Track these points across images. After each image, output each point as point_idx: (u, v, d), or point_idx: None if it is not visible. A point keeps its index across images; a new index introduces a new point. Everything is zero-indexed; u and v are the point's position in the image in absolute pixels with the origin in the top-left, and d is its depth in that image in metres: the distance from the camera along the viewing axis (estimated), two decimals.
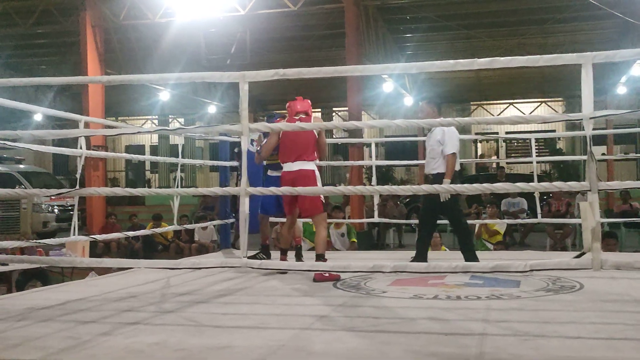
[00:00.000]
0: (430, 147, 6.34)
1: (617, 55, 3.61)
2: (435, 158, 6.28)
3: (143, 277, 5.70)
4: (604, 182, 3.51)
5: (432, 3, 17.39)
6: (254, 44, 19.59)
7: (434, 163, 6.30)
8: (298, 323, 3.92)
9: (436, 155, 6.27)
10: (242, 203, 3.93)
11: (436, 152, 6.28)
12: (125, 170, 30.18)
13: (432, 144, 6.30)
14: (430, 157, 6.33)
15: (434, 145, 6.28)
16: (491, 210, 11.59)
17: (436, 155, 6.27)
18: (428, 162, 6.38)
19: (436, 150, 6.27)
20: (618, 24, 18.30)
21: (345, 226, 10.65)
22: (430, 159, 6.33)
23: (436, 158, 6.27)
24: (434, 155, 6.29)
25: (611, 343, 3.33)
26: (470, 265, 3.73)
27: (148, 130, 6.22)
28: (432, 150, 6.30)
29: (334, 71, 3.99)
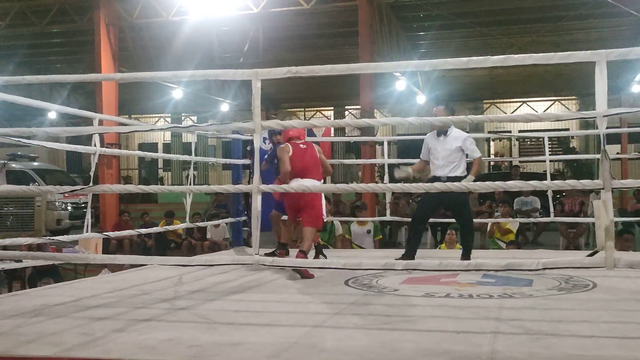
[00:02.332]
0: (446, 151, 6.45)
1: (631, 53, 3.59)
2: (454, 162, 6.43)
3: (156, 274, 5.74)
4: (617, 180, 3.48)
5: (445, 1, 17.34)
6: (266, 42, 19.61)
7: (452, 166, 6.43)
8: (310, 320, 3.93)
9: (455, 159, 6.43)
10: (254, 200, 3.95)
11: (455, 157, 6.43)
12: (138, 168, 30.28)
13: (451, 150, 6.44)
14: (447, 161, 6.44)
15: (453, 151, 6.44)
16: (504, 209, 11.52)
17: (455, 160, 6.43)
18: (443, 166, 6.47)
19: (455, 155, 6.44)
20: (633, 22, 18.16)
21: (371, 223, 10.65)
22: (448, 163, 6.44)
23: (455, 162, 6.43)
24: (452, 160, 6.43)
25: (624, 342, 3.32)
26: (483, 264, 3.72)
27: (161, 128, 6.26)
28: (451, 155, 6.43)
29: (346, 69, 3.99)
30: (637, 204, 13.34)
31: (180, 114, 28.61)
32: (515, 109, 26.91)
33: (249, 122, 3.86)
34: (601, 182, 3.35)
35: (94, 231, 7.00)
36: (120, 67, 17.09)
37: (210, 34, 18.96)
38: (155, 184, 28.11)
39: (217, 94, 23.95)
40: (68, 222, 17.15)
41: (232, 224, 8.69)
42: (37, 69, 24.38)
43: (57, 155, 27.96)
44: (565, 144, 25.26)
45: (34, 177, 17.44)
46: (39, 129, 4.58)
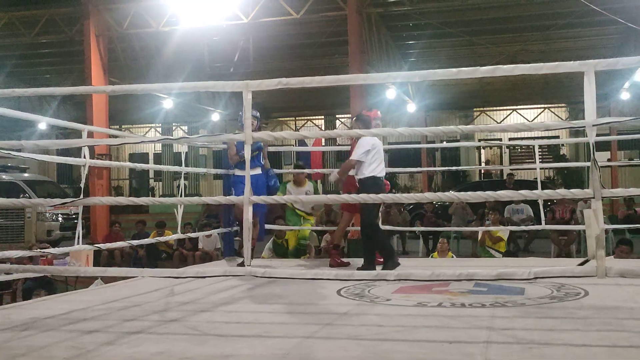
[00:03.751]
0: None
1: (619, 63, 3.61)
2: None
3: (147, 286, 5.71)
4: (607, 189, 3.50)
5: (435, 10, 17.42)
6: (257, 52, 19.64)
7: None
8: (302, 331, 3.92)
9: None
10: (245, 211, 3.94)
11: None
12: (129, 179, 30.19)
13: None
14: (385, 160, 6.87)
15: None
16: (494, 217, 11.57)
17: None
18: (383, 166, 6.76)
19: None
20: (620, 30, 18.31)
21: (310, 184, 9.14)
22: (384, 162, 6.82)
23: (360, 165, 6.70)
24: None
25: (616, 351, 3.32)
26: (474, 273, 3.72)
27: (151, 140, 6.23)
28: None
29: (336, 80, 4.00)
30: (627, 211, 13.42)
31: (171, 124, 28.56)
32: (506, 117, 27.01)
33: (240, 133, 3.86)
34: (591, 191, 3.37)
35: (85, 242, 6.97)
36: (110, 78, 17.08)
37: (200, 44, 18.97)
38: (147, 194, 28.05)
39: (207, 103, 23.95)
40: (59, 233, 17.07)
41: (223, 233, 8.66)
42: (27, 80, 24.30)
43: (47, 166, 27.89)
44: (556, 152, 25.40)
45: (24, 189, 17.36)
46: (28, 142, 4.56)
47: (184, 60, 18.89)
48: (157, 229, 13.23)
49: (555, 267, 3.83)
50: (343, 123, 28.01)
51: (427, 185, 25.01)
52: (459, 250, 12.91)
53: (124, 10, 16.75)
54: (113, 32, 17.10)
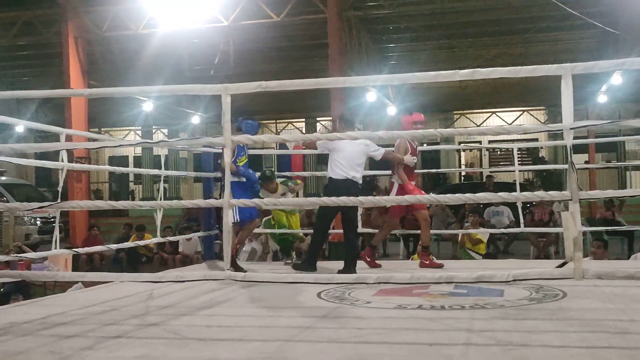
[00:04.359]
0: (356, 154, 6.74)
1: (595, 67, 3.65)
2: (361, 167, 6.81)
3: (126, 290, 5.66)
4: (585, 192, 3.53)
5: (415, 14, 17.49)
6: (237, 55, 19.60)
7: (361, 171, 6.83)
8: (282, 335, 3.91)
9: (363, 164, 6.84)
10: (225, 215, 3.92)
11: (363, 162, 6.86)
12: (109, 182, 29.96)
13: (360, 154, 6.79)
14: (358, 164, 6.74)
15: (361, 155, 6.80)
16: (474, 219, 11.64)
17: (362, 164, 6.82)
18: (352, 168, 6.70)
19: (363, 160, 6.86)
20: (598, 34, 18.51)
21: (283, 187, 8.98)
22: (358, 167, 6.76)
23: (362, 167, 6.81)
24: (360, 164, 6.78)
25: (594, 352, 3.35)
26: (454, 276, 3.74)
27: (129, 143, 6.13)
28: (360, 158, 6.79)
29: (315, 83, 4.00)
30: (606, 212, 13.54)
31: (151, 126, 28.39)
32: (485, 120, 27.17)
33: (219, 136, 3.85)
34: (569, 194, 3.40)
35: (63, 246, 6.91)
36: (89, 81, 16.97)
37: (180, 47, 18.91)
38: (126, 197, 27.84)
39: (188, 106, 23.85)
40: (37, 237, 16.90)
41: (204, 237, 8.62)
42: (4, 83, 24.02)
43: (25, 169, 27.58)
44: (535, 154, 25.58)
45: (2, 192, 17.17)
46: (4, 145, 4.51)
47: (164, 63, 18.80)
48: (136, 232, 13.16)
49: (534, 269, 3.86)
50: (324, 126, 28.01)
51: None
52: (439, 252, 12.95)
53: (103, 13, 16.64)
54: (92, 34, 16.98)
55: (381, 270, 7.00)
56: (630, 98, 19.98)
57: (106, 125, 28.64)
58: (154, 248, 13.36)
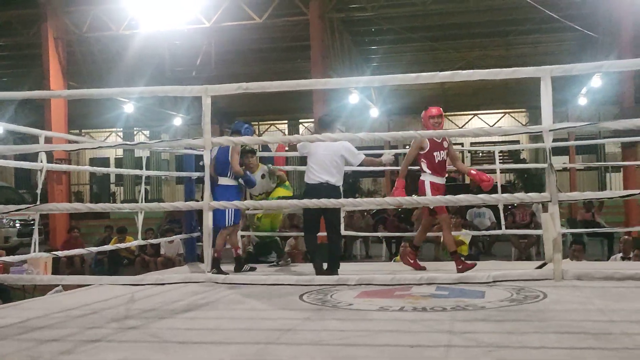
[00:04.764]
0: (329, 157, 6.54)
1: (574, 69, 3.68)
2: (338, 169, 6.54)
3: (106, 293, 5.61)
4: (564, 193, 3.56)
5: (397, 16, 17.56)
6: (219, 56, 19.56)
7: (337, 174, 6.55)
8: (264, 337, 3.89)
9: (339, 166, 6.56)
10: (205, 217, 3.90)
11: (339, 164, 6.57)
12: (90, 183, 29.75)
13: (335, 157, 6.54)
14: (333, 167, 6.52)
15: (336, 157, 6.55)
16: (456, 221, 11.67)
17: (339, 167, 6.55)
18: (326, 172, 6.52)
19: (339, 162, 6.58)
20: (578, 37, 18.69)
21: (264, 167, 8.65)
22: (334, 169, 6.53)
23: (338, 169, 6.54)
24: (336, 166, 6.53)
25: (573, 352, 3.37)
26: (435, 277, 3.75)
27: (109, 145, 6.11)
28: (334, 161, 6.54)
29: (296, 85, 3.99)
30: (586, 214, 13.66)
31: (132, 128, 28.25)
32: (467, 122, 27.34)
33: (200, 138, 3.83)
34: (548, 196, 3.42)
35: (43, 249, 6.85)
36: (69, 82, 16.84)
37: (161, 48, 18.83)
38: (107, 199, 27.67)
39: (170, 108, 23.75)
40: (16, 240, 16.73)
41: (185, 239, 8.58)
42: None
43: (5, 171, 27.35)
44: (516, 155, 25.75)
45: None
46: None
47: (145, 64, 18.71)
48: (118, 234, 13.06)
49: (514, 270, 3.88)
50: (307, 128, 28.03)
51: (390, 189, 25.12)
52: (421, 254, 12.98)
53: (83, 13, 16.53)
54: (72, 35, 16.86)
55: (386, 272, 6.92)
56: (609, 100, 20.17)
57: (87, 127, 28.45)
58: (136, 250, 13.26)
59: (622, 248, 9.50)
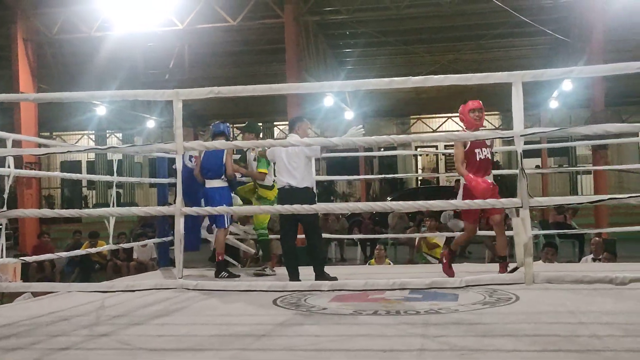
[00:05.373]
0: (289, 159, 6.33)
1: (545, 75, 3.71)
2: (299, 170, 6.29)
3: (76, 299, 5.53)
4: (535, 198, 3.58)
5: (371, 19, 17.63)
6: (193, 59, 19.45)
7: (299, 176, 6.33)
8: (237, 344, 3.86)
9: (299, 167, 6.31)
10: (177, 223, 3.86)
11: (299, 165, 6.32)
12: (61, 187, 29.37)
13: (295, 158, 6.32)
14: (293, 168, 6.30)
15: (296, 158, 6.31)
16: (431, 224, 11.73)
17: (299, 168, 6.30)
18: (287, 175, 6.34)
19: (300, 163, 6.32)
20: (550, 41, 18.90)
21: None
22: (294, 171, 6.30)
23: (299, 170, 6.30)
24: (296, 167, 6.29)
25: (544, 355, 3.39)
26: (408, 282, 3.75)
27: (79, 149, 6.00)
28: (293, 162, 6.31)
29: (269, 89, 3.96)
30: (558, 216, 13.80)
31: (105, 131, 27.96)
32: (441, 124, 27.48)
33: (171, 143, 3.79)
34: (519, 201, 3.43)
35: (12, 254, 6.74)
36: (39, 84, 16.62)
37: (134, 50, 18.67)
38: (79, 202, 27.34)
39: (143, 110, 23.54)
40: None
41: (159, 243, 8.50)
42: None
43: None
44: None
45: None
46: None
47: (118, 66, 18.54)
48: (89, 239, 12.91)
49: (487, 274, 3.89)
50: (282, 130, 27.98)
51: (365, 193, 25.20)
52: (396, 256, 13.04)
53: (53, 15, 16.33)
54: (42, 37, 16.65)
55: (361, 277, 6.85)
56: (581, 104, 20.45)
57: (58, 129, 28.09)
58: (108, 255, 13.12)
59: (593, 249, 9.60)
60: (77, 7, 15.74)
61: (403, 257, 13.09)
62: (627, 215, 16.28)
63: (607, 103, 16.03)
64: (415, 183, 26.83)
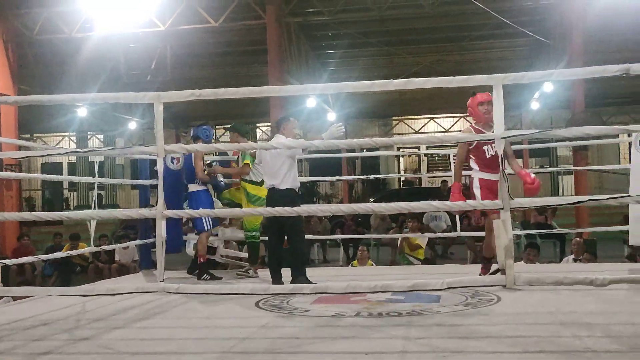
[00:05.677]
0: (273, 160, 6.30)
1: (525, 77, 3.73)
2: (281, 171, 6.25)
3: (57, 303, 5.48)
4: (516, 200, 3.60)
5: (354, 20, 17.66)
6: (175, 60, 19.37)
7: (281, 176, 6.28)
8: (219, 346, 3.85)
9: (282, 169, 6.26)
10: (159, 226, 3.84)
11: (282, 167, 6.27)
12: (42, 189, 29.11)
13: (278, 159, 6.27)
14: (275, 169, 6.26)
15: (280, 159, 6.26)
16: (413, 225, 11.76)
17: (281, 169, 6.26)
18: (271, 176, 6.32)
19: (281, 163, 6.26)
20: (531, 42, 19.05)
21: None
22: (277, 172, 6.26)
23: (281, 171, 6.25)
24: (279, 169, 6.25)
25: (527, 356, 3.41)
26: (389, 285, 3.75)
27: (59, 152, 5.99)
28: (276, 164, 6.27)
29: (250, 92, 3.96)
30: (539, 216, 13.89)
31: (86, 132, 27.76)
32: (423, 125, 27.60)
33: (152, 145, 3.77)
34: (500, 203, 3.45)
35: None
36: (20, 85, 16.45)
37: (116, 51, 18.56)
38: (60, 204, 27.13)
39: (124, 112, 23.41)
40: None
41: (141, 245, 8.45)
42: None
43: None
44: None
45: None
46: None
47: (99, 67, 18.42)
48: (70, 241, 12.81)
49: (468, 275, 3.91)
50: (264, 132, 27.95)
51: (348, 194, 25.24)
52: (378, 257, 13.05)
53: (34, 15, 16.19)
54: (23, 37, 16.50)
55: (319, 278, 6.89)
56: (561, 105, 20.61)
57: (39, 131, 27.86)
58: (89, 257, 13.03)
59: (574, 250, 9.68)
60: (58, 7, 15.62)
61: (385, 258, 13.11)
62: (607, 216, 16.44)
63: (588, 104, 16.18)
64: (398, 184, 26.91)
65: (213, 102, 19.97)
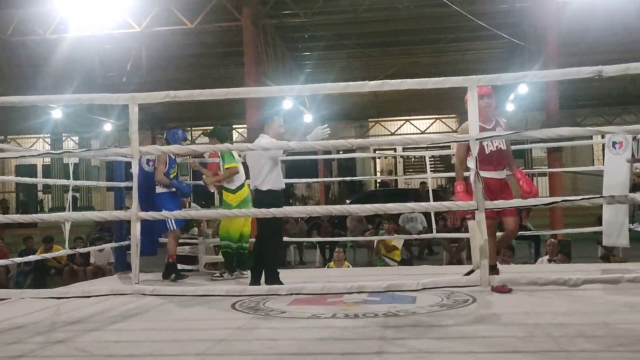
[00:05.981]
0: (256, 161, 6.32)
1: (499, 79, 3.77)
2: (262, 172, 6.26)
3: (31, 306, 5.42)
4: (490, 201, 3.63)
5: (329, 22, 17.69)
6: (150, 62, 19.26)
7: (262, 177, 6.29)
8: (194, 349, 3.84)
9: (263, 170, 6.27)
10: (133, 228, 3.82)
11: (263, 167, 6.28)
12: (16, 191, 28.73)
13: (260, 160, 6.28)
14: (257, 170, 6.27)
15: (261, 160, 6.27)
16: (389, 226, 11.81)
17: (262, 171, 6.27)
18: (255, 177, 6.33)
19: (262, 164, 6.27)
20: (506, 44, 19.21)
21: None
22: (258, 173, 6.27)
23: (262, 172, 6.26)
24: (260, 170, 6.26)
25: (501, 356, 3.45)
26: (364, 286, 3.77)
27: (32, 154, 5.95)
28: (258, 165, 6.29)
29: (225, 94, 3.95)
30: None
31: (60, 134, 27.43)
32: (399, 127, 27.69)
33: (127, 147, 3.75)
34: (475, 204, 3.49)
35: None
36: None
37: (91, 53, 18.40)
38: (35, 207, 26.79)
39: (100, 114, 23.18)
40: None
41: (116, 247, 8.40)
42: None
43: None
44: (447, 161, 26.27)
45: None
46: None
47: (74, 69, 18.23)
48: (44, 243, 12.67)
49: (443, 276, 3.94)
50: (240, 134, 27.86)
51: (325, 195, 25.25)
52: (355, 259, 13.09)
53: (7, 16, 16.00)
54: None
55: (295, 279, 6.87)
56: (536, 106, 20.81)
57: (13, 133, 27.51)
58: (64, 260, 12.89)
59: (548, 251, 9.77)
60: (32, 8, 15.45)
61: (362, 259, 13.15)
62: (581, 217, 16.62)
63: (562, 106, 16.34)
64: (374, 186, 26.98)
65: (189, 104, 19.93)
